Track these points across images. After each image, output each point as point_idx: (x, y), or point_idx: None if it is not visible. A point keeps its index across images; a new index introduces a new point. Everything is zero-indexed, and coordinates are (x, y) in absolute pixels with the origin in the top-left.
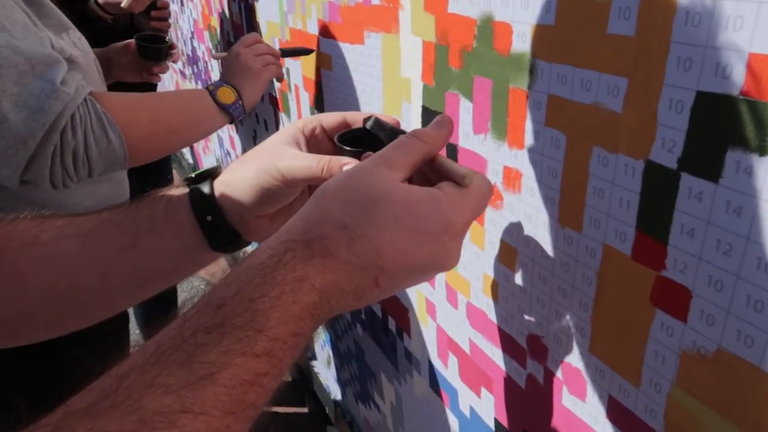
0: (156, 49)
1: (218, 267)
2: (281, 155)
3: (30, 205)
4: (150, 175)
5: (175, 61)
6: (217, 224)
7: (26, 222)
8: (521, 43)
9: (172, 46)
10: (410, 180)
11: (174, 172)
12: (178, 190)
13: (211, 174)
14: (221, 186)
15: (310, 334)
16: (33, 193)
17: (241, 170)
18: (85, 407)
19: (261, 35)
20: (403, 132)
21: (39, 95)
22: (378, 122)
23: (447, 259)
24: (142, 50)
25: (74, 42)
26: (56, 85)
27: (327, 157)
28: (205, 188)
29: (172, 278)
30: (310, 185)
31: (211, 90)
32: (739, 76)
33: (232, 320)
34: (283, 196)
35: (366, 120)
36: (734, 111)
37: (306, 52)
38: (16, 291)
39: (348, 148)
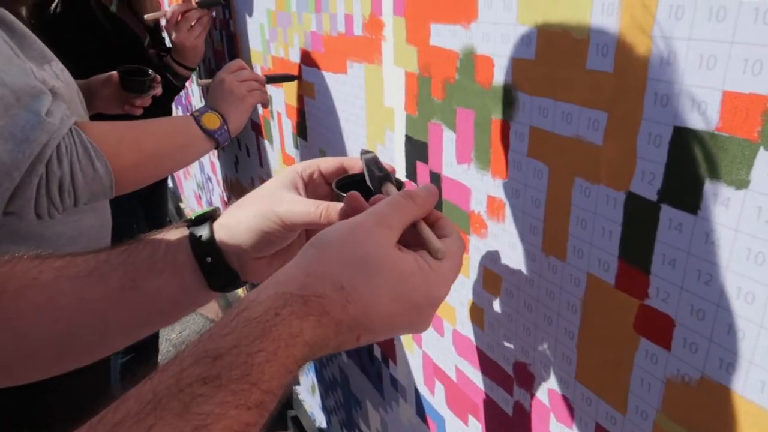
0: (139, 81)
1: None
2: (280, 200)
3: (10, 236)
4: (151, 198)
5: (157, 94)
6: (217, 266)
7: (24, 262)
8: (503, 75)
9: (155, 79)
10: None
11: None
12: (177, 232)
13: (211, 216)
14: (221, 229)
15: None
16: (14, 224)
17: (240, 214)
18: None
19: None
20: (392, 177)
21: (24, 126)
22: (375, 162)
23: (423, 325)
24: (125, 82)
25: (56, 74)
26: (41, 116)
27: (325, 203)
28: (205, 231)
29: (170, 318)
30: (307, 229)
31: (197, 116)
32: (714, 112)
33: (228, 372)
34: (281, 239)
35: (363, 153)
36: (710, 146)
37: (290, 78)
38: (15, 332)
39: (345, 195)
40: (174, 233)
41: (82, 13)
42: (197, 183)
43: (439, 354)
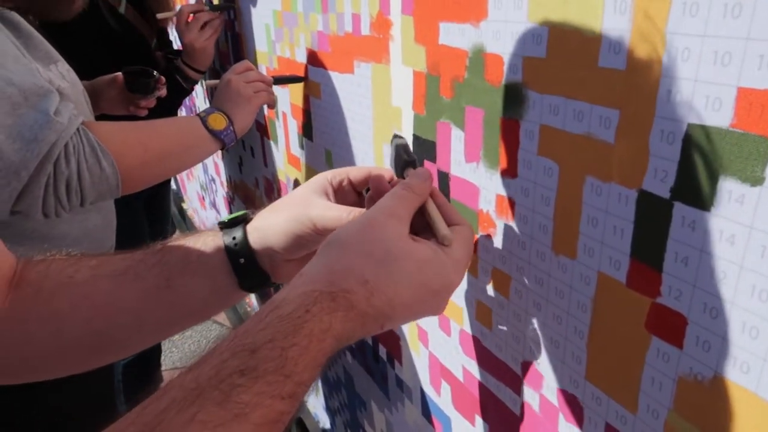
0: (144, 82)
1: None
2: (313, 205)
3: (16, 236)
4: (154, 200)
5: (162, 96)
6: (249, 267)
7: (59, 262)
8: (513, 74)
9: (159, 80)
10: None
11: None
12: (210, 234)
13: (244, 219)
14: (254, 231)
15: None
16: (20, 224)
17: (273, 218)
18: None
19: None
20: (416, 164)
21: (32, 126)
22: (405, 147)
23: (439, 309)
24: (130, 84)
25: (62, 74)
26: (50, 115)
27: (357, 209)
28: (239, 233)
29: (201, 316)
30: None
31: (203, 117)
32: (728, 109)
33: (265, 365)
34: (312, 242)
35: (395, 137)
36: (725, 143)
37: (297, 79)
38: (52, 329)
39: None
40: (207, 235)
41: (90, 13)
42: (200, 184)
43: (446, 354)
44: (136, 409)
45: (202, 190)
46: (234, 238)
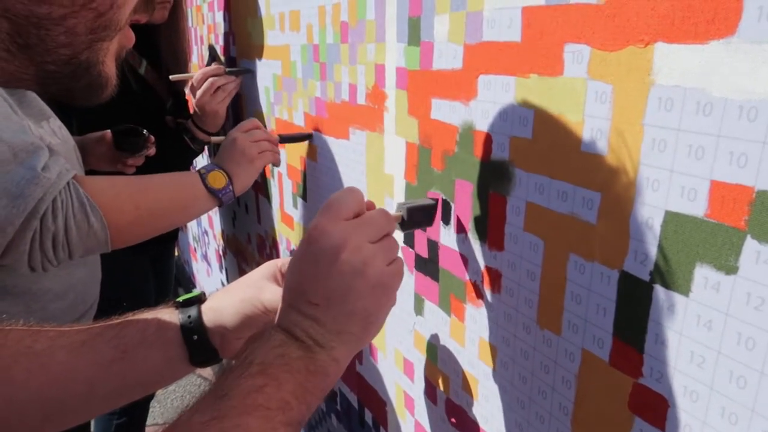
0: (132, 141)
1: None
2: (265, 289)
3: None
4: (161, 257)
5: (150, 155)
6: (201, 343)
7: (17, 332)
8: (500, 151)
9: (148, 140)
10: None
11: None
12: (167, 311)
13: (199, 299)
14: (209, 311)
15: (294, 353)
16: (1, 279)
17: (227, 299)
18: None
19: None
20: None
21: (19, 182)
22: (415, 206)
23: (361, 273)
24: (118, 142)
25: (54, 130)
26: (37, 171)
27: None
28: (193, 312)
29: (152, 388)
30: None
31: (203, 174)
32: (702, 199)
33: (230, 363)
34: (261, 322)
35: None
36: (700, 231)
37: (306, 137)
38: (4, 396)
39: None
40: (164, 312)
41: None
42: (193, 236)
43: (431, 423)
44: (179, 416)
45: (195, 242)
46: (189, 317)
